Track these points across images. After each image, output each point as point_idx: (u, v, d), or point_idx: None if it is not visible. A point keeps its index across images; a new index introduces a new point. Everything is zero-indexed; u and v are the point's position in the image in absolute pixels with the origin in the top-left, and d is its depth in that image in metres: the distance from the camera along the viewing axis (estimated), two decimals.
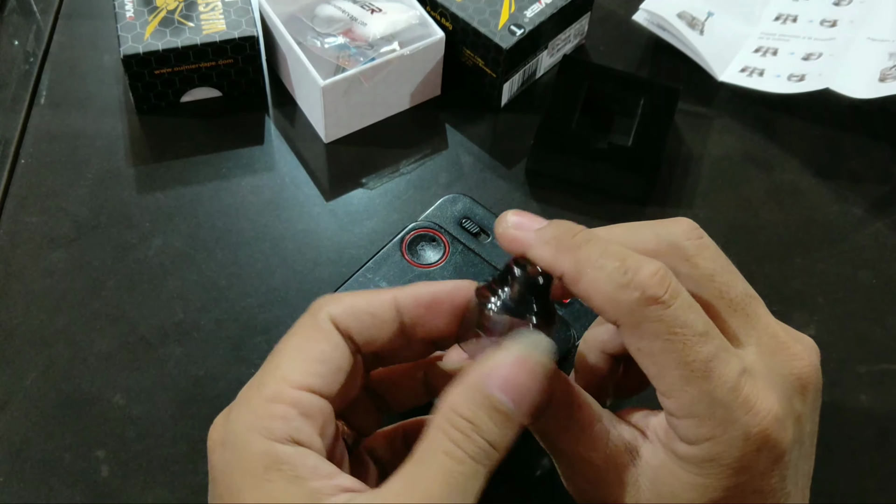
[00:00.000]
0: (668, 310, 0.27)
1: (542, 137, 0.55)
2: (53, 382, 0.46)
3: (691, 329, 0.27)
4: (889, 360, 0.49)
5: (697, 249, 0.30)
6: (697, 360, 0.27)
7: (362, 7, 0.57)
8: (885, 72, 0.57)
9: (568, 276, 0.29)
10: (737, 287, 0.30)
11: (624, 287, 0.27)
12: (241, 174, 0.55)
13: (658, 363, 0.28)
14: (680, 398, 0.27)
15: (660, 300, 0.27)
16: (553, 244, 0.29)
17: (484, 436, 0.27)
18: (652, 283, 0.27)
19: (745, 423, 0.27)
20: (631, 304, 0.27)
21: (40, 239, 0.51)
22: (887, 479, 0.44)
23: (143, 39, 0.54)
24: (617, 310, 0.28)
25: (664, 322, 0.27)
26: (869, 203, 0.56)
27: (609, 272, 0.28)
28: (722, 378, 0.27)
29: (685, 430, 0.28)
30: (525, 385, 0.28)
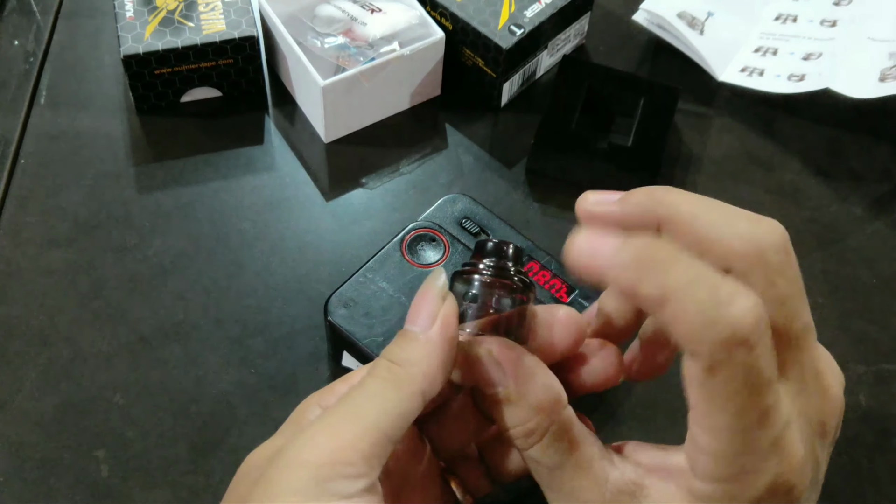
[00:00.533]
0: (751, 354, 0.25)
1: (542, 137, 0.55)
2: (53, 382, 0.46)
3: (763, 377, 0.25)
4: (889, 360, 0.49)
5: (781, 267, 0.27)
6: (756, 410, 0.26)
7: (362, 7, 0.57)
8: (885, 72, 0.57)
9: (652, 302, 0.25)
10: (801, 317, 0.28)
11: (713, 323, 0.24)
12: (241, 174, 0.55)
13: (715, 402, 0.26)
14: (721, 439, 0.26)
15: (748, 343, 0.25)
16: (635, 266, 0.26)
17: (386, 356, 0.30)
18: (745, 324, 0.24)
19: (775, 473, 0.26)
20: (717, 343, 0.25)
21: (40, 239, 0.51)
22: (887, 479, 0.44)
23: (143, 39, 0.54)
24: (700, 346, 0.25)
25: (744, 368, 0.25)
26: (869, 203, 0.56)
27: (699, 302, 0.25)
28: (770, 429, 0.26)
29: (707, 467, 0.27)
30: (420, 306, 0.30)
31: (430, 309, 0.30)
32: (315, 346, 0.48)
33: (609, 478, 0.29)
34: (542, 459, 0.29)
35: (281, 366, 0.47)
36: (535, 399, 0.29)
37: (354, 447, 0.27)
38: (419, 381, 0.29)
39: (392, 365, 0.29)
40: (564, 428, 0.29)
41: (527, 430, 0.29)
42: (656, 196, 0.29)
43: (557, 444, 0.29)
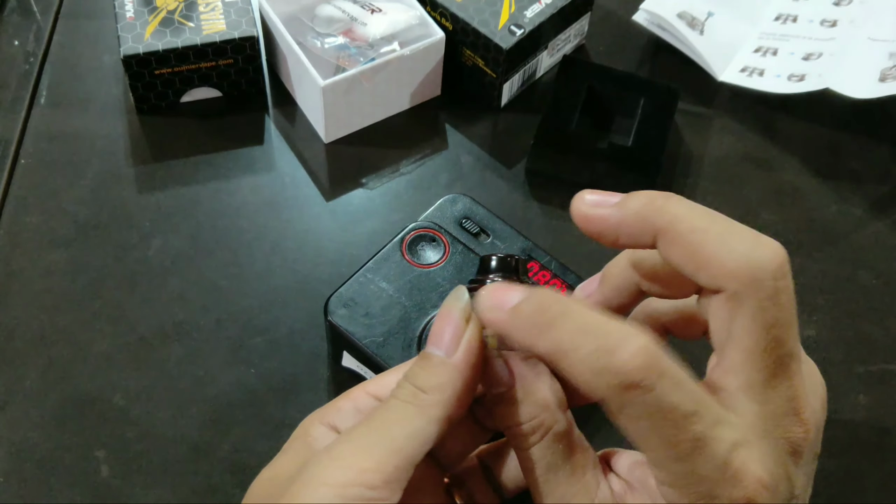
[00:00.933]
0: (649, 394, 0.26)
1: (542, 137, 0.55)
2: (53, 382, 0.46)
3: (678, 411, 0.26)
4: (888, 360, 0.49)
5: (775, 293, 0.27)
6: (684, 441, 0.26)
7: (362, 7, 0.57)
8: (885, 72, 0.57)
9: (549, 359, 0.27)
10: (786, 344, 0.28)
11: (600, 373, 0.26)
12: (241, 174, 0.55)
13: (644, 442, 0.27)
14: (664, 471, 0.27)
15: (640, 385, 0.25)
16: (528, 325, 0.28)
17: (410, 380, 0.29)
18: (631, 368, 0.25)
19: (730, 496, 0.26)
20: (610, 390, 0.26)
21: (40, 239, 0.51)
22: (887, 479, 0.44)
23: (143, 39, 0.54)
24: (597, 395, 0.26)
25: (647, 406, 0.26)
26: (869, 203, 0.56)
27: (585, 355, 0.26)
28: (710, 456, 0.26)
29: (673, 497, 0.27)
30: (443, 329, 0.30)
31: (454, 331, 0.30)
32: (315, 346, 0.48)
33: (599, 488, 0.29)
34: (541, 459, 0.30)
35: (281, 366, 0.47)
36: (541, 396, 0.30)
37: (379, 470, 0.27)
38: (445, 407, 0.29)
39: (418, 391, 0.29)
40: (565, 430, 0.30)
41: (531, 427, 0.30)
42: (656, 204, 0.29)
43: (556, 444, 0.30)
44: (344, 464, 0.28)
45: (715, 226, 0.28)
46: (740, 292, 0.27)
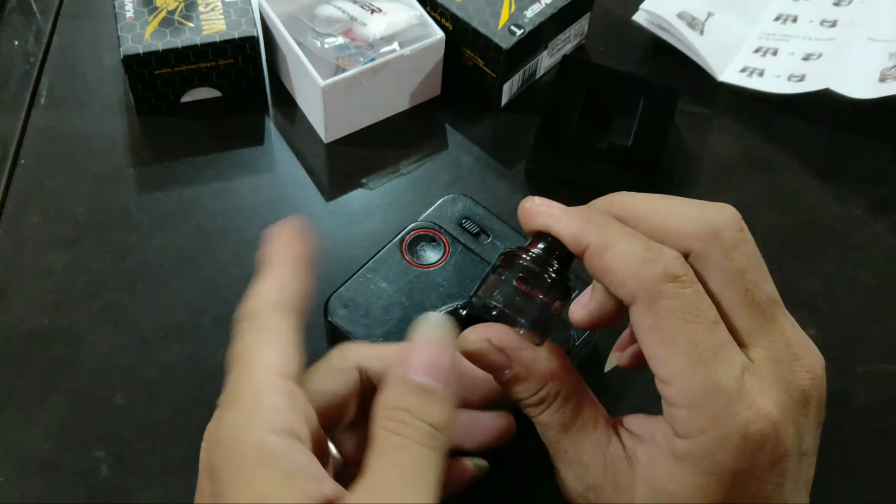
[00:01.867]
0: (686, 289, 0.28)
1: (542, 137, 0.55)
2: (53, 382, 0.46)
3: (705, 314, 0.28)
4: (888, 360, 0.49)
5: (735, 242, 0.29)
6: (707, 344, 0.27)
7: (362, 7, 0.57)
8: (885, 72, 0.57)
9: (593, 247, 0.29)
10: (764, 288, 0.30)
11: (648, 262, 0.28)
12: (241, 174, 0.55)
13: (667, 342, 0.28)
14: (682, 383, 0.28)
15: (680, 278, 0.28)
16: (580, 218, 0.30)
17: (422, 418, 0.28)
18: (674, 264, 0.28)
19: (745, 419, 0.27)
20: (653, 278, 0.28)
21: (40, 239, 0.51)
22: (887, 479, 0.44)
23: (143, 39, 0.54)
24: (638, 283, 0.28)
25: (681, 300, 0.28)
26: (869, 203, 0.56)
27: (635, 247, 0.29)
28: (728, 367, 0.27)
29: (683, 421, 0.28)
30: (439, 361, 0.29)
31: (452, 364, 0.30)
32: (315, 346, 0.48)
33: (610, 442, 0.31)
34: (552, 421, 0.31)
35: None
36: (543, 370, 0.31)
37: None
38: (452, 427, 0.29)
39: (434, 432, 0.28)
40: (573, 390, 0.31)
41: (539, 398, 0.31)
42: (614, 200, 0.32)
43: (566, 405, 0.31)
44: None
45: (667, 201, 0.31)
46: (704, 249, 0.29)
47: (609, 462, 0.30)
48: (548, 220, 0.31)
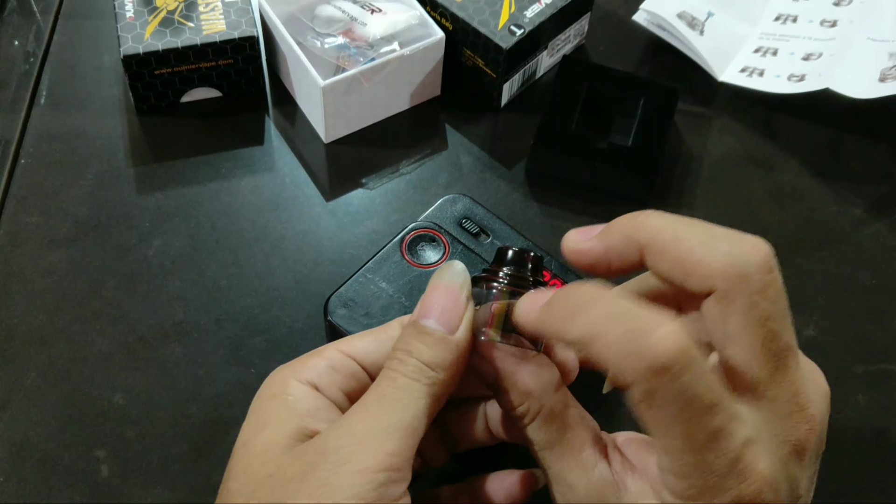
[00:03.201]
0: (678, 381, 0.25)
1: (542, 137, 0.55)
2: (53, 382, 0.46)
3: (700, 401, 0.26)
4: (888, 360, 0.49)
5: (764, 286, 0.27)
6: (702, 433, 0.26)
7: (362, 7, 0.57)
8: (885, 72, 0.57)
9: (580, 345, 0.27)
10: (783, 337, 0.28)
11: (633, 354, 0.26)
12: (241, 174, 0.55)
13: (663, 430, 0.27)
14: (674, 460, 0.27)
15: (670, 371, 0.25)
16: (559, 316, 0.28)
17: (416, 356, 0.30)
18: (661, 352, 0.25)
19: (738, 492, 0.27)
20: (640, 373, 0.26)
21: (40, 239, 0.51)
22: (887, 479, 0.44)
23: (143, 39, 0.54)
24: (625, 379, 0.26)
25: (674, 394, 0.26)
26: (869, 203, 0.56)
27: (614, 339, 0.26)
28: (724, 450, 0.26)
29: (673, 483, 0.27)
30: (445, 304, 0.31)
31: (457, 309, 0.31)
32: (315, 346, 0.47)
33: (597, 465, 0.30)
34: (535, 439, 0.31)
35: None
36: (521, 386, 0.31)
37: (402, 454, 0.28)
38: (448, 385, 0.30)
39: (425, 368, 0.30)
40: (555, 411, 0.31)
41: (519, 413, 0.31)
42: (637, 222, 0.30)
43: (548, 426, 0.31)
44: (371, 448, 0.28)
45: (696, 231, 0.28)
46: (730, 291, 0.27)
47: (593, 486, 0.29)
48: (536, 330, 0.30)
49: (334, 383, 0.32)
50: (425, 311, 0.31)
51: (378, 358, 0.33)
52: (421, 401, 0.29)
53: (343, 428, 0.29)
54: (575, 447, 0.30)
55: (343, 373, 0.32)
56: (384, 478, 0.28)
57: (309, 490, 0.28)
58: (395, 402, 0.29)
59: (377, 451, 0.28)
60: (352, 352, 0.33)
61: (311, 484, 0.28)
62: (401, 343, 0.31)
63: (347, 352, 0.33)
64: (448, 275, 0.31)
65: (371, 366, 0.33)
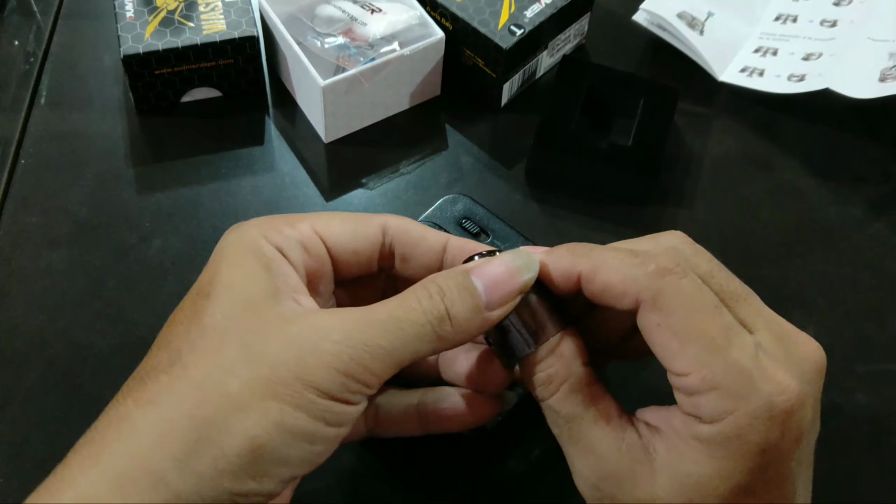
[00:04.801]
0: (683, 280, 0.29)
1: (542, 137, 0.55)
2: (53, 382, 0.46)
3: (707, 301, 0.28)
4: (888, 360, 0.49)
5: (694, 252, 0.31)
6: (716, 329, 0.28)
7: (362, 7, 0.57)
8: (885, 72, 0.57)
9: (586, 274, 0.30)
10: (734, 283, 0.31)
11: (639, 265, 0.29)
12: (241, 174, 0.55)
13: (678, 335, 0.28)
14: (701, 371, 0.28)
15: (673, 271, 0.29)
16: (566, 256, 0.31)
17: (446, 302, 0.30)
18: (665, 259, 0.29)
19: (769, 394, 0.27)
20: (648, 277, 0.29)
21: (40, 239, 0.51)
22: (886, 479, 0.44)
23: (143, 39, 0.54)
24: (635, 285, 0.29)
25: (682, 293, 0.28)
26: (869, 203, 0.56)
27: (623, 258, 0.30)
28: (742, 347, 0.28)
29: (708, 406, 0.28)
30: (502, 282, 0.30)
31: (509, 292, 0.31)
32: None
33: (626, 432, 0.30)
34: (561, 410, 0.31)
35: None
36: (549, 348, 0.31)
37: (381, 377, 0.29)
38: (455, 344, 0.30)
39: (447, 320, 0.30)
40: (583, 381, 0.31)
41: (546, 376, 0.31)
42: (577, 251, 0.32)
43: (575, 395, 0.31)
44: (358, 358, 0.28)
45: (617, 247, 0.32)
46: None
47: (626, 453, 0.30)
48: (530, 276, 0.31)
49: (299, 260, 0.32)
50: (482, 273, 0.31)
51: (348, 249, 0.33)
52: (422, 345, 0.29)
53: (344, 329, 0.29)
54: (603, 416, 0.31)
55: (311, 252, 0.32)
56: (354, 386, 0.28)
57: (289, 358, 0.28)
58: (400, 331, 0.29)
59: (362, 364, 0.28)
60: (325, 234, 0.33)
61: (292, 355, 0.28)
62: (441, 279, 0.30)
63: (321, 233, 0.33)
64: (521, 259, 0.31)
65: (338, 253, 0.33)
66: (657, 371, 0.30)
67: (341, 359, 0.28)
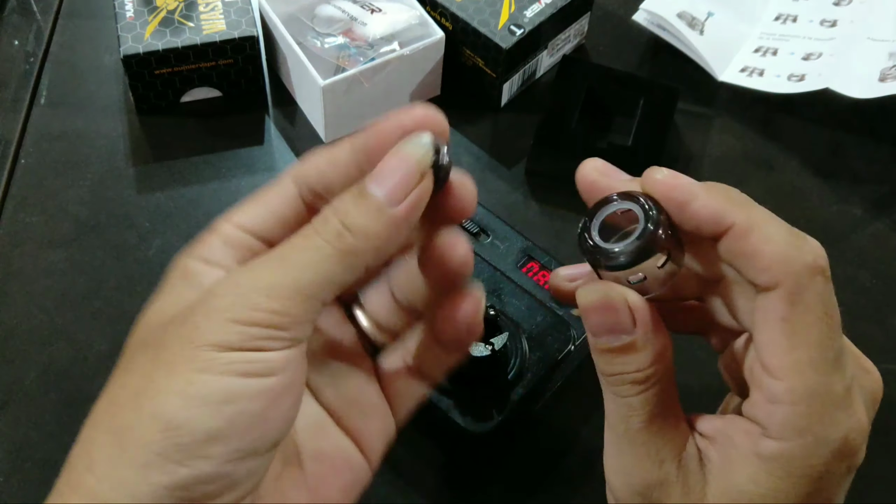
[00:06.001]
0: (828, 285, 0.27)
1: (542, 137, 0.55)
2: (53, 382, 0.46)
3: (836, 316, 0.27)
4: (889, 360, 0.49)
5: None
6: (832, 348, 0.26)
7: (362, 7, 0.57)
8: (885, 72, 0.57)
9: (738, 228, 0.28)
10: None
11: (797, 248, 0.27)
12: (241, 174, 0.55)
13: (797, 336, 0.26)
14: (797, 381, 0.26)
15: (826, 272, 0.27)
16: (721, 196, 0.28)
17: (340, 217, 0.27)
18: (823, 254, 0.27)
19: (847, 428, 0.26)
20: (802, 268, 0.27)
21: (40, 239, 0.51)
22: (887, 479, 0.44)
23: (143, 39, 0.54)
24: (785, 270, 0.27)
25: (823, 297, 0.27)
26: (869, 203, 0.56)
27: (783, 232, 0.27)
28: (843, 374, 0.27)
29: (782, 420, 0.27)
30: (395, 173, 0.27)
31: (405, 181, 0.27)
32: None
33: (688, 439, 0.29)
34: (644, 408, 0.29)
35: None
36: (661, 345, 0.29)
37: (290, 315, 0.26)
38: (369, 257, 0.27)
39: (345, 233, 0.26)
40: (670, 379, 0.29)
41: (645, 376, 0.29)
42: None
43: (660, 394, 0.29)
44: (251, 301, 0.26)
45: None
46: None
47: (684, 461, 0.28)
48: (684, 195, 0.28)
49: (230, 258, 0.29)
50: (373, 176, 0.27)
51: (273, 224, 0.30)
52: (327, 266, 0.26)
53: (231, 279, 0.27)
54: (671, 420, 0.29)
55: (237, 247, 0.29)
56: (259, 333, 0.26)
57: (182, 330, 0.26)
58: (296, 262, 0.26)
59: (256, 307, 0.26)
60: (243, 222, 0.30)
61: (186, 325, 0.26)
62: (333, 203, 0.27)
63: (239, 223, 0.30)
64: (411, 145, 0.28)
65: (268, 232, 0.30)
66: None
67: (234, 308, 0.26)
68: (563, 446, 0.44)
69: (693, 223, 0.28)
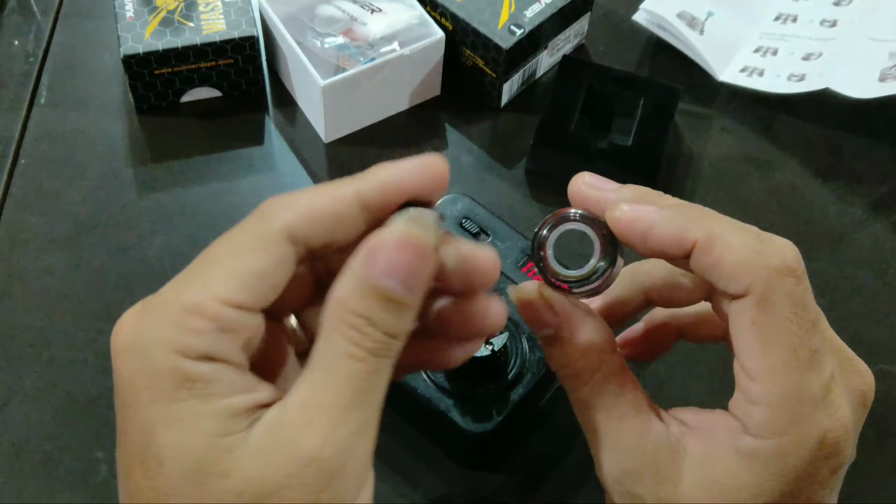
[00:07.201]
0: (798, 286, 0.27)
1: (542, 137, 0.55)
2: (53, 382, 0.46)
3: (810, 315, 0.27)
4: (889, 360, 0.49)
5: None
6: (806, 349, 0.27)
7: (362, 7, 0.57)
8: (885, 72, 0.57)
9: (700, 243, 0.27)
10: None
11: (761, 253, 0.27)
12: (241, 174, 0.55)
13: (768, 340, 0.26)
14: (772, 384, 0.26)
15: (795, 273, 0.27)
16: (680, 219, 0.28)
17: (381, 328, 0.25)
18: (790, 255, 0.27)
19: (825, 427, 0.26)
20: (767, 271, 0.26)
21: (40, 239, 0.51)
22: (887, 479, 0.44)
23: (143, 39, 0.54)
24: (750, 276, 0.26)
25: (792, 298, 0.26)
26: (869, 203, 0.56)
27: (745, 238, 0.27)
28: (819, 374, 0.27)
29: (760, 420, 0.27)
30: (412, 266, 0.25)
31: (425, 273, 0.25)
32: None
33: (653, 428, 0.29)
34: (590, 400, 0.30)
35: None
36: (586, 339, 0.30)
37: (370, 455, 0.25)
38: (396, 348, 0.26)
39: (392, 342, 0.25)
40: (613, 371, 0.30)
41: (576, 370, 0.30)
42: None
43: (605, 385, 0.30)
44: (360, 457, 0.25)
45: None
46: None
47: (651, 449, 0.29)
48: (643, 226, 0.29)
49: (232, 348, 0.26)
50: (387, 270, 0.25)
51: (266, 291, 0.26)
52: (386, 378, 0.25)
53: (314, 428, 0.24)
54: (630, 410, 0.29)
55: (235, 329, 0.26)
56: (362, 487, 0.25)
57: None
58: (370, 393, 0.25)
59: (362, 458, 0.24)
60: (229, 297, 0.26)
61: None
62: (354, 303, 0.25)
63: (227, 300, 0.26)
64: (419, 228, 0.26)
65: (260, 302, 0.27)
66: None
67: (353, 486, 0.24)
68: (563, 446, 0.44)
69: (658, 249, 0.29)
